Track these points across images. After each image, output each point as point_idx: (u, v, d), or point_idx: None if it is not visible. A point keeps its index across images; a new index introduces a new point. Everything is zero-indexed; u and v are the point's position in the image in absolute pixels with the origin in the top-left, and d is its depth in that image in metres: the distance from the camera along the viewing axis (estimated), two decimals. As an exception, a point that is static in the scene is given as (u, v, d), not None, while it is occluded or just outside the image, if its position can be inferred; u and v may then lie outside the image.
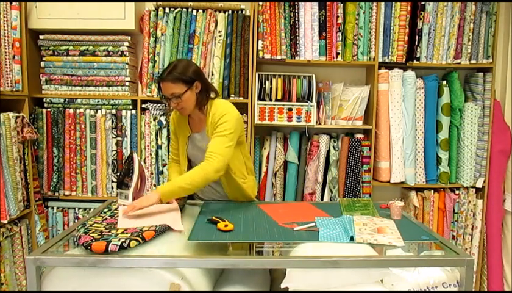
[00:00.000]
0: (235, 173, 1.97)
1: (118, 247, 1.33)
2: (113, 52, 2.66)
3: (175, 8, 2.65)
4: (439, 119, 2.76)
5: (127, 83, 2.68)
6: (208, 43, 2.65)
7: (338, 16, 2.65)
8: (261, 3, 2.62)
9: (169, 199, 1.74)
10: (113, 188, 2.73)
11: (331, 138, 2.76)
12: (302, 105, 2.65)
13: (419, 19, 2.65)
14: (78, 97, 2.70)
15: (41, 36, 2.66)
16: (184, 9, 2.64)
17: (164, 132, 2.70)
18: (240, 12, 2.66)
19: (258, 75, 2.67)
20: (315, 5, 2.63)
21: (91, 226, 1.55)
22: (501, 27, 2.79)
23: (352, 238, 1.50)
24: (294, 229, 1.62)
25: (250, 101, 2.67)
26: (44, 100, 2.73)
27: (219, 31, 2.64)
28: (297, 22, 2.65)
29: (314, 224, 1.66)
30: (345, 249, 1.45)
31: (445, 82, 2.75)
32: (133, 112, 2.71)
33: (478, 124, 2.76)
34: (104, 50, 2.66)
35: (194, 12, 2.64)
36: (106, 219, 1.66)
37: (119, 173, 2.67)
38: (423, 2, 2.64)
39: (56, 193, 2.73)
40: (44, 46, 2.68)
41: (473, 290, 2.82)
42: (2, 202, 2.24)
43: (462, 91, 2.76)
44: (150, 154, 2.71)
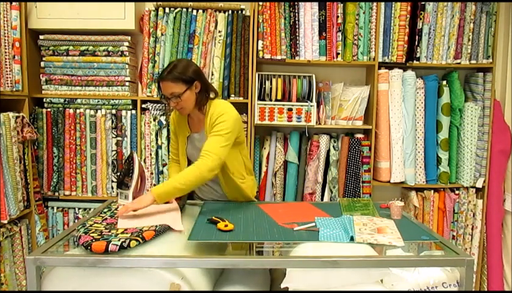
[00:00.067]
0: (233, 173, 1.97)
1: (118, 247, 1.33)
2: (113, 52, 2.66)
3: (175, 8, 2.65)
4: (439, 119, 2.76)
5: (127, 83, 2.68)
6: (208, 43, 2.65)
7: (338, 16, 2.65)
8: (261, 3, 2.62)
9: (164, 201, 1.72)
10: (113, 188, 2.73)
11: (331, 138, 2.76)
12: (302, 105, 2.65)
13: (419, 19, 2.65)
14: (78, 97, 2.70)
15: (41, 36, 2.66)
16: (184, 9, 2.64)
17: (164, 132, 2.70)
18: (240, 12, 2.66)
19: (258, 75, 2.67)
20: (315, 5, 2.63)
21: (91, 226, 1.55)
22: (501, 27, 2.79)
23: (352, 238, 1.50)
24: (294, 229, 1.62)
25: (250, 101, 2.67)
26: (44, 100, 2.73)
27: (219, 31, 2.64)
28: (297, 22, 2.65)
29: (314, 224, 1.66)
30: (345, 249, 1.45)
31: (445, 82, 2.75)
32: (133, 112, 2.71)
33: (478, 124, 2.76)
34: (104, 50, 2.66)
35: (194, 12, 2.64)
36: (106, 219, 1.66)
37: (119, 173, 2.67)
38: (423, 2, 2.64)
39: (56, 193, 2.73)
40: (44, 46, 2.68)
41: (473, 290, 2.82)
42: (2, 202, 2.24)
43: (462, 91, 2.76)
44: (150, 154, 2.71)
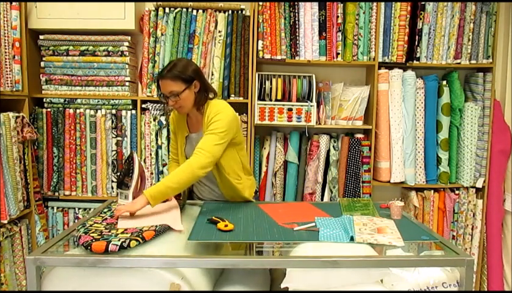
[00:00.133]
0: (229, 173, 1.97)
1: (118, 247, 1.33)
2: (113, 52, 2.66)
3: (175, 8, 2.65)
4: (439, 119, 2.76)
5: (127, 83, 2.68)
6: (208, 43, 2.65)
7: (338, 16, 2.65)
8: (261, 3, 2.62)
9: (158, 201, 1.68)
10: (113, 188, 2.73)
11: (331, 138, 2.76)
12: (302, 105, 2.65)
13: (419, 19, 2.65)
14: (78, 97, 2.70)
15: (41, 36, 2.66)
16: (184, 9, 2.64)
17: (164, 132, 2.70)
18: (240, 12, 2.66)
19: (258, 75, 2.67)
20: (315, 5, 2.63)
21: (91, 226, 1.55)
22: (501, 27, 2.79)
23: (352, 238, 1.50)
24: (294, 229, 1.62)
25: (250, 101, 2.67)
26: (44, 100, 2.73)
27: (219, 31, 2.64)
28: (297, 22, 2.65)
29: (314, 224, 1.66)
30: (345, 249, 1.45)
31: (445, 82, 2.75)
32: (133, 112, 2.71)
33: (478, 124, 2.76)
34: (104, 50, 2.66)
35: (194, 12, 2.64)
36: (106, 219, 1.66)
37: (119, 173, 2.67)
38: (423, 2, 2.64)
39: (56, 193, 2.73)
40: (44, 46, 2.68)
41: (473, 290, 2.82)
42: (2, 202, 2.24)
43: (462, 91, 2.76)
44: (150, 154, 2.71)
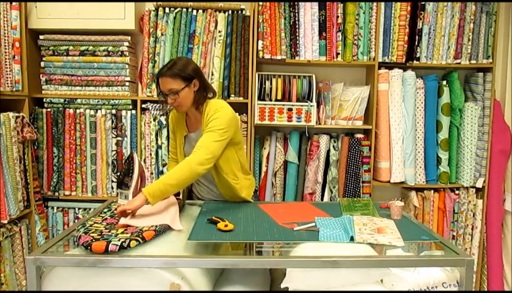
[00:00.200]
0: (227, 173, 1.96)
1: (118, 247, 1.33)
2: (113, 52, 2.66)
3: (175, 8, 2.65)
4: (439, 119, 2.76)
5: (127, 83, 2.68)
6: (208, 43, 2.65)
7: (338, 16, 2.65)
8: (261, 3, 2.62)
9: (157, 199, 1.67)
10: (113, 188, 2.73)
11: (331, 138, 2.76)
12: (302, 105, 2.65)
13: (419, 19, 2.65)
14: (78, 97, 2.70)
15: (41, 36, 2.66)
16: (184, 9, 2.64)
17: (164, 132, 2.70)
18: (240, 12, 2.66)
19: (258, 75, 2.67)
20: (315, 5, 2.63)
21: (91, 226, 1.55)
22: (501, 27, 2.79)
23: (352, 238, 1.50)
24: (294, 229, 1.62)
25: (250, 101, 2.67)
26: (44, 100, 2.73)
27: (219, 31, 2.64)
28: (297, 22, 2.65)
29: (314, 224, 1.66)
30: (345, 249, 1.45)
31: (445, 82, 2.75)
32: (133, 112, 2.71)
33: (478, 124, 2.76)
34: (104, 50, 2.66)
35: (194, 12, 2.64)
36: (106, 219, 1.66)
37: (119, 173, 2.67)
38: (423, 2, 2.64)
39: (56, 193, 2.73)
40: (44, 46, 2.68)
41: (473, 290, 2.82)
42: (2, 202, 2.24)
43: (462, 91, 2.76)
44: (150, 154, 2.71)
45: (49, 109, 2.70)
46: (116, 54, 2.66)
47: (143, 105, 2.71)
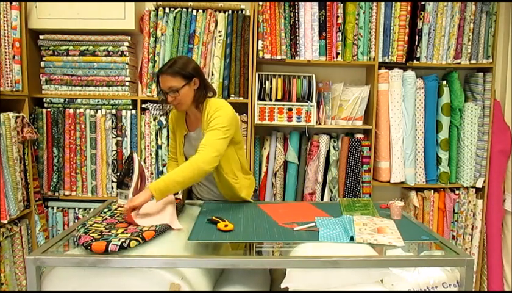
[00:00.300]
0: (227, 173, 1.97)
1: (118, 247, 1.33)
2: (113, 52, 2.66)
3: (175, 8, 2.65)
4: (439, 119, 2.76)
5: (127, 83, 2.68)
6: (208, 43, 2.65)
7: (338, 16, 2.65)
8: (261, 3, 2.62)
9: (163, 196, 1.68)
10: (113, 188, 2.73)
11: (331, 138, 2.76)
12: (302, 105, 2.65)
13: (419, 19, 2.65)
14: (78, 97, 2.70)
15: (41, 36, 2.66)
16: (184, 9, 2.64)
17: (164, 132, 2.70)
18: (240, 12, 2.66)
19: (258, 75, 2.67)
20: (315, 5, 2.63)
21: (91, 226, 1.55)
22: (501, 27, 2.79)
23: (352, 238, 1.50)
24: (294, 229, 1.62)
25: (250, 101, 2.67)
26: (44, 100, 2.73)
27: (219, 31, 2.64)
28: (297, 22, 2.65)
29: (314, 224, 1.66)
30: (345, 249, 1.45)
31: (445, 82, 2.75)
32: (133, 112, 2.71)
33: (478, 124, 2.76)
34: (104, 50, 2.66)
35: (194, 12, 2.64)
36: (106, 219, 1.66)
37: (119, 173, 2.67)
38: (423, 2, 2.64)
39: (56, 193, 2.73)
40: (44, 46, 2.68)
41: (473, 290, 2.82)
42: (2, 202, 2.24)
43: (462, 91, 2.76)
44: (150, 154, 2.71)
45: (49, 109, 2.70)
46: (116, 54, 2.66)
47: (143, 105, 2.71)
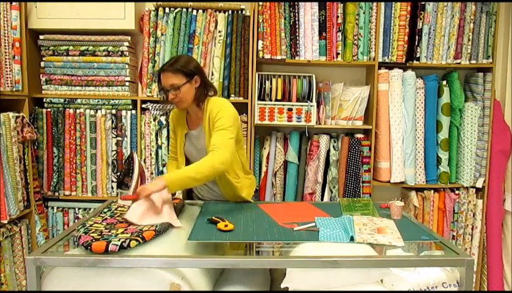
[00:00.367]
0: (228, 172, 1.97)
1: (118, 247, 1.33)
2: (113, 52, 2.66)
3: (175, 8, 2.65)
4: (439, 119, 2.76)
5: (127, 83, 2.68)
6: (208, 43, 2.65)
7: (338, 16, 2.65)
8: (261, 3, 2.62)
9: (176, 189, 1.69)
10: (113, 188, 2.73)
11: (331, 138, 2.76)
12: (302, 105, 2.65)
13: (419, 19, 2.65)
14: (78, 97, 2.70)
15: (41, 36, 2.65)
16: (184, 9, 2.64)
17: (164, 132, 2.70)
18: (240, 12, 2.66)
19: (258, 75, 2.67)
20: (315, 5, 2.63)
21: (91, 226, 1.55)
22: (501, 27, 2.79)
23: (352, 238, 1.50)
24: (294, 229, 1.62)
25: (250, 101, 2.67)
26: (44, 100, 2.73)
27: (219, 31, 2.64)
28: (297, 22, 2.65)
29: (314, 224, 1.66)
30: (345, 249, 1.45)
31: (445, 82, 2.75)
32: (133, 112, 2.71)
33: (478, 124, 2.76)
34: (104, 50, 2.66)
35: (194, 12, 2.64)
36: (106, 219, 1.66)
37: (119, 173, 2.67)
38: (423, 2, 2.64)
39: (56, 193, 2.73)
40: (44, 46, 2.68)
41: (473, 290, 2.82)
42: (2, 202, 2.24)
43: (462, 91, 2.76)
44: (150, 154, 2.71)
45: (49, 109, 2.70)
46: (116, 54, 2.66)
47: (143, 105, 2.71)
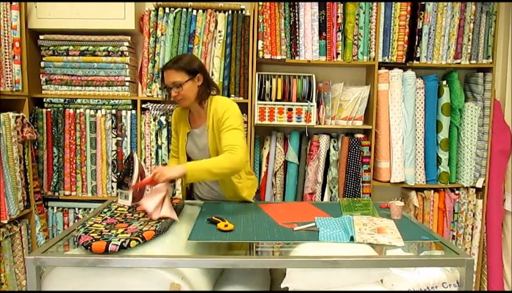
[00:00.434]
0: None
1: (118, 247, 1.33)
2: (113, 52, 2.66)
3: (175, 8, 2.65)
4: (439, 119, 2.76)
5: (127, 83, 2.68)
6: (208, 43, 2.65)
7: (338, 16, 2.65)
8: (261, 3, 2.62)
9: (192, 180, 1.71)
10: (113, 188, 2.73)
11: (331, 138, 2.76)
12: (302, 105, 2.65)
13: (419, 19, 2.65)
14: (78, 97, 2.70)
15: (41, 36, 2.65)
16: (184, 9, 2.64)
17: (164, 132, 2.70)
18: (240, 12, 2.66)
19: (258, 75, 2.67)
20: (315, 5, 2.63)
21: (91, 226, 1.55)
22: (501, 27, 2.79)
23: (352, 238, 1.50)
24: (294, 229, 1.62)
25: (250, 101, 2.67)
26: (44, 100, 2.73)
27: (219, 31, 2.64)
28: (297, 22, 2.65)
29: (314, 224, 1.66)
30: (345, 249, 1.45)
31: (445, 82, 2.75)
32: (133, 112, 2.71)
33: (478, 124, 2.76)
34: (104, 50, 2.66)
35: (194, 12, 2.64)
36: (106, 219, 1.66)
37: (119, 173, 2.67)
38: (423, 2, 2.64)
39: (56, 193, 2.73)
40: (44, 46, 2.68)
41: (473, 290, 2.82)
42: (2, 202, 2.24)
43: (462, 91, 2.76)
44: (150, 154, 2.71)
45: (49, 109, 2.70)
46: (116, 54, 2.66)
47: (143, 105, 2.71)
